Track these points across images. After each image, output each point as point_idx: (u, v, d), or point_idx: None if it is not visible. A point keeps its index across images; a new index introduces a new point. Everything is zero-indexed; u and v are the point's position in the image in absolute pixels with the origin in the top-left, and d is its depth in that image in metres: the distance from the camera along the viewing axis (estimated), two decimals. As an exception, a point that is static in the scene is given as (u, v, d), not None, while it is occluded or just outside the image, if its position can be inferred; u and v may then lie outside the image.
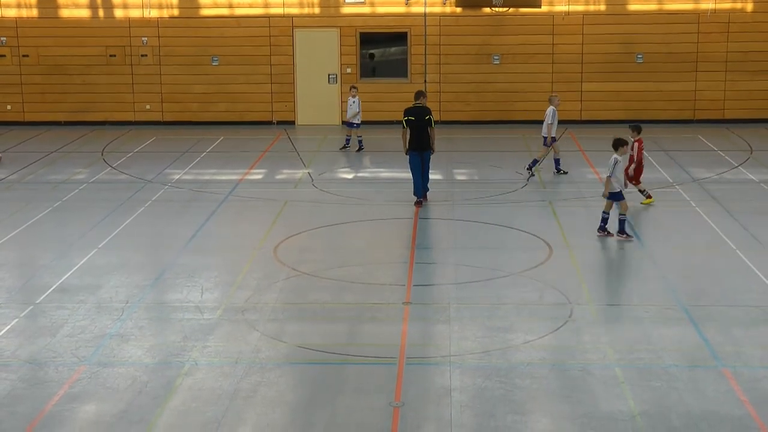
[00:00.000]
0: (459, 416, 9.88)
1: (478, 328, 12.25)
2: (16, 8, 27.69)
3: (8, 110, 27.85)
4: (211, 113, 27.89)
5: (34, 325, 12.49)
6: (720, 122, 27.18)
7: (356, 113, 23.91)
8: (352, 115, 23.97)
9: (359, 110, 23.94)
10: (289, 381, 10.82)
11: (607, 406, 10.07)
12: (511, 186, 20.04)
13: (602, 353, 11.46)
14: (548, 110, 20.89)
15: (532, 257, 15.15)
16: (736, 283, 13.89)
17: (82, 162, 22.68)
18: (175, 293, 13.69)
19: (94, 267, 14.81)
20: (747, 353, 11.44)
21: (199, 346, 11.73)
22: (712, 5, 26.94)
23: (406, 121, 18.65)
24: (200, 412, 10.05)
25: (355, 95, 24.07)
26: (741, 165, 21.84)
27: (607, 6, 27.19)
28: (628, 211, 16.39)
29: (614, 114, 27.07)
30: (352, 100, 24.03)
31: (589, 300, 13.21)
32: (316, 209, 18.36)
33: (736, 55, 27.07)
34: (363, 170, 22.09)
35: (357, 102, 23.96)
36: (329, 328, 12.44)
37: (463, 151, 24.00)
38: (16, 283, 14.20)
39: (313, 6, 27.44)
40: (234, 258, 15.30)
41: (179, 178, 21.07)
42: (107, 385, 10.69)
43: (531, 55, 27.34)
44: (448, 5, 27.10)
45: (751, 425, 9.65)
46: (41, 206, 18.54)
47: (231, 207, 18.55)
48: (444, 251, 15.65)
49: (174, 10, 27.55)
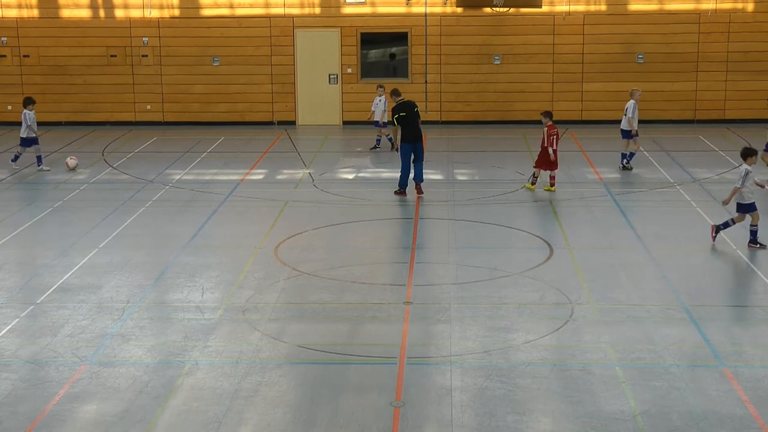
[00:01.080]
0: (460, 416, 9.88)
1: (479, 327, 12.25)
2: (16, 8, 27.71)
3: (9, 110, 27.86)
4: (212, 113, 27.90)
5: (35, 325, 12.49)
6: (721, 122, 27.19)
7: (383, 112, 24.04)
8: (380, 114, 24.06)
9: (385, 109, 24.05)
10: (289, 381, 10.82)
11: (608, 406, 10.07)
12: (511, 186, 20.04)
13: (603, 353, 11.46)
14: (629, 104, 21.32)
15: (532, 257, 15.15)
16: (737, 282, 13.88)
17: (83, 162, 22.68)
18: (176, 293, 13.69)
19: (95, 267, 14.82)
20: (748, 353, 11.44)
21: (200, 346, 11.74)
22: (712, 5, 26.94)
23: (401, 117, 19.12)
24: (201, 411, 10.06)
25: (381, 94, 24.16)
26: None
27: (607, 6, 27.20)
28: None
29: (615, 114, 26.96)
30: (378, 99, 24.13)
31: (589, 300, 13.20)
32: (316, 209, 18.36)
33: (737, 55, 27.07)
34: (364, 170, 22.09)
35: (383, 101, 24.04)
36: (330, 328, 12.44)
37: (464, 151, 24.01)
38: (17, 283, 14.20)
39: (313, 6, 27.45)
40: (235, 258, 15.30)
41: (180, 178, 21.08)
42: (108, 384, 10.69)
43: (532, 55, 27.35)
44: (448, 5, 27.10)
45: (752, 425, 9.65)
46: (42, 206, 18.55)
47: (232, 207, 18.55)
48: (445, 251, 15.65)
49: (175, 11, 27.56)
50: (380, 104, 24.07)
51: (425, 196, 19.04)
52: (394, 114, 19.31)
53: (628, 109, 21.30)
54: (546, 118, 19.63)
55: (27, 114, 21.83)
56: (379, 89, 24.35)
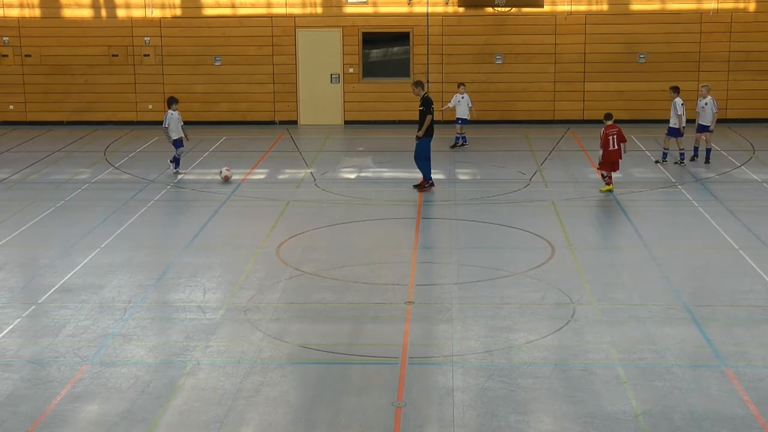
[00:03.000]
0: (461, 416, 9.87)
1: (481, 327, 12.25)
2: (18, 8, 27.72)
3: (11, 110, 27.88)
4: (214, 113, 27.91)
5: (36, 325, 12.49)
6: (722, 122, 27.12)
7: (469, 109, 24.17)
8: (464, 111, 24.15)
9: (470, 105, 24.21)
10: (291, 381, 10.82)
11: (610, 406, 10.06)
12: (513, 186, 20.03)
13: (605, 353, 11.46)
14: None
15: (534, 257, 15.14)
16: (738, 282, 13.87)
17: (84, 162, 22.70)
18: (177, 293, 13.69)
19: (96, 267, 14.82)
20: (750, 353, 11.44)
21: (202, 346, 11.74)
22: (714, 5, 26.93)
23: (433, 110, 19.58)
24: (203, 411, 10.06)
25: (463, 92, 24.27)
26: (743, 165, 21.83)
27: (609, 6, 27.18)
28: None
29: (616, 114, 26.78)
30: (461, 97, 24.19)
31: (591, 300, 13.20)
32: (318, 209, 18.36)
33: (739, 55, 27.06)
34: (365, 170, 22.09)
35: (466, 98, 24.17)
36: (332, 328, 12.44)
37: (466, 150, 24.00)
38: (19, 283, 14.21)
39: (315, 6, 27.45)
40: (236, 258, 15.30)
41: (182, 178, 21.08)
42: (110, 384, 10.69)
43: (533, 55, 27.34)
44: (450, 5, 27.10)
45: (753, 425, 9.64)
46: (44, 206, 18.55)
47: (233, 207, 18.55)
48: (446, 251, 15.65)
49: (176, 10, 27.56)
50: (462, 102, 24.16)
51: (426, 196, 19.05)
52: (430, 104, 19.46)
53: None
54: (606, 119, 19.39)
55: (171, 114, 21.10)
56: (460, 87, 24.45)
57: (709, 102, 21.73)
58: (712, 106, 21.69)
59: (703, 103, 21.82)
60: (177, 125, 21.20)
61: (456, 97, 24.27)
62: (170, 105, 21.30)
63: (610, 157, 19.08)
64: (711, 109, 21.64)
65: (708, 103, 21.72)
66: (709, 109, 21.65)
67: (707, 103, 21.72)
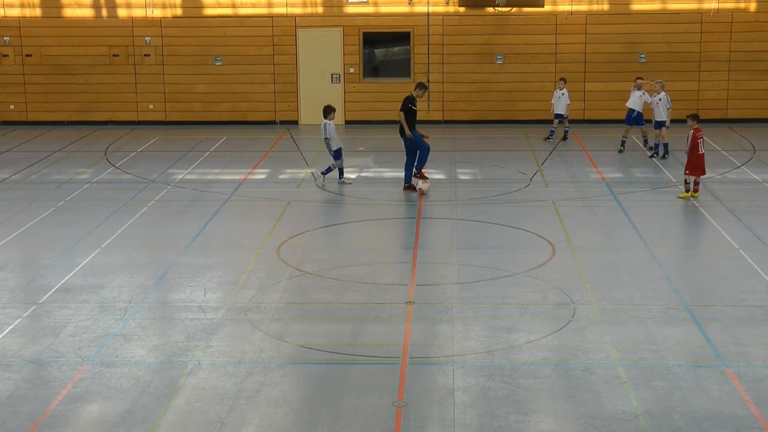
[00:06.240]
0: (462, 416, 9.88)
1: (481, 327, 12.25)
2: (19, 8, 27.72)
3: (11, 110, 27.89)
4: (214, 113, 27.91)
5: (37, 325, 12.50)
6: (723, 122, 27.17)
7: (567, 105, 24.59)
8: (563, 107, 24.53)
9: (569, 101, 24.67)
10: (292, 381, 10.82)
11: (611, 406, 10.07)
12: (514, 185, 20.03)
13: (605, 353, 11.46)
14: (662, 95, 22.42)
15: (535, 257, 15.14)
16: (739, 283, 13.87)
17: (85, 162, 22.71)
18: (178, 293, 13.69)
19: (97, 267, 14.83)
20: (750, 353, 11.44)
21: (203, 346, 11.74)
22: (715, 5, 26.93)
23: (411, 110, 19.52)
24: (203, 411, 10.06)
25: (562, 87, 24.65)
26: (744, 165, 21.83)
27: (610, 5, 27.18)
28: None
29: (617, 114, 26.98)
30: (561, 93, 24.58)
31: (592, 300, 13.20)
32: (319, 209, 18.36)
33: (739, 55, 27.06)
34: (366, 170, 22.09)
35: (566, 95, 24.56)
36: (332, 328, 12.44)
37: (466, 150, 24.01)
38: (19, 283, 14.21)
39: (316, 5, 27.45)
40: (237, 258, 15.30)
41: (182, 177, 21.09)
42: (110, 384, 10.69)
43: (534, 55, 27.34)
44: (451, 5, 27.09)
45: (754, 425, 9.64)
46: (44, 206, 18.56)
47: (234, 207, 18.56)
48: (447, 251, 15.65)
49: (177, 10, 27.57)
50: (563, 98, 24.54)
51: (427, 196, 19.05)
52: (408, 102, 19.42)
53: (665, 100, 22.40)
54: (692, 121, 18.90)
55: (328, 124, 19.72)
56: (559, 82, 24.86)
57: (662, 98, 22.48)
58: (665, 102, 22.44)
59: (657, 99, 22.58)
60: (337, 135, 19.90)
61: (556, 93, 24.82)
62: (326, 114, 19.83)
63: (700, 161, 18.61)
64: (665, 105, 22.41)
65: (662, 99, 22.49)
66: (663, 106, 22.40)
67: (660, 99, 22.52)
